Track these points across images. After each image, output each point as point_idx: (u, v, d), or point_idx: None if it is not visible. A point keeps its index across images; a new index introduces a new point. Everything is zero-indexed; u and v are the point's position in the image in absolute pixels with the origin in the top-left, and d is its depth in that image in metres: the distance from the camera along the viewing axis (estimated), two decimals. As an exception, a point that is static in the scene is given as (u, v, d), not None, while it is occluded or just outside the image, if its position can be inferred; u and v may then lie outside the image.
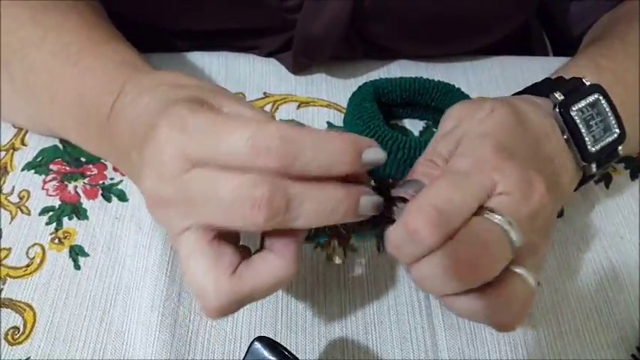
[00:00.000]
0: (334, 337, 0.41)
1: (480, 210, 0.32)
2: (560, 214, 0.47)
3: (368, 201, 0.32)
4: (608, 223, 0.47)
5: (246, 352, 0.33)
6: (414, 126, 0.52)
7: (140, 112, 0.35)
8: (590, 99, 0.38)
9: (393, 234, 0.32)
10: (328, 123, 0.52)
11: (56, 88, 0.41)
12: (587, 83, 0.39)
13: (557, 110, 0.38)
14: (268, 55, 0.56)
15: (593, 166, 0.39)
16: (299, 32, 0.50)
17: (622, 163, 0.51)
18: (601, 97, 0.38)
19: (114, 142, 0.38)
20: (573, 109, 0.38)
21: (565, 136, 0.38)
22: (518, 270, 0.33)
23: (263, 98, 0.53)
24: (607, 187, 0.50)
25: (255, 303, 0.41)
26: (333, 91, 0.54)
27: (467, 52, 0.58)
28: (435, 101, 0.50)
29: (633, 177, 0.51)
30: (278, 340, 0.34)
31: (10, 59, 0.43)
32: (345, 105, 0.51)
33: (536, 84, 0.42)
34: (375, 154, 0.31)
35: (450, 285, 0.31)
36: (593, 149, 0.38)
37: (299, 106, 0.53)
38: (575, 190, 0.41)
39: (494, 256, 0.31)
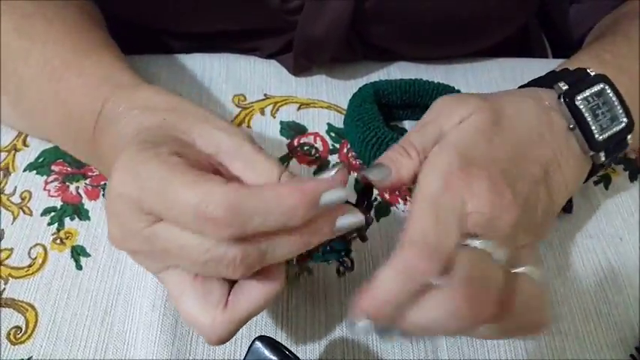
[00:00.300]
0: (334, 337, 0.41)
1: (465, 236, 0.32)
2: (569, 210, 0.47)
3: (344, 223, 0.32)
4: (608, 224, 0.48)
5: (247, 351, 0.33)
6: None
7: (115, 139, 0.35)
8: (596, 88, 0.38)
9: (385, 276, 0.31)
10: (328, 124, 0.52)
11: (45, 105, 0.42)
12: (592, 73, 0.39)
13: (562, 100, 0.37)
14: (269, 56, 0.56)
15: (602, 154, 0.38)
16: (299, 34, 0.50)
17: (621, 164, 0.51)
18: (607, 87, 0.38)
19: (101, 161, 0.38)
20: (578, 98, 0.37)
21: (571, 125, 0.37)
22: (519, 270, 0.33)
23: (264, 100, 0.53)
24: (606, 188, 0.50)
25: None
26: (333, 92, 0.55)
27: (467, 54, 0.58)
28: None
29: (632, 178, 0.51)
30: (279, 340, 0.34)
31: (2, 71, 0.43)
32: (345, 106, 0.52)
33: (540, 77, 0.41)
34: (332, 195, 0.30)
35: (462, 324, 0.31)
36: (601, 138, 0.37)
37: (299, 108, 0.53)
38: (587, 179, 0.41)
39: (490, 286, 0.31)
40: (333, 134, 0.51)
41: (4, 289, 0.41)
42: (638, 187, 0.50)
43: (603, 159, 0.38)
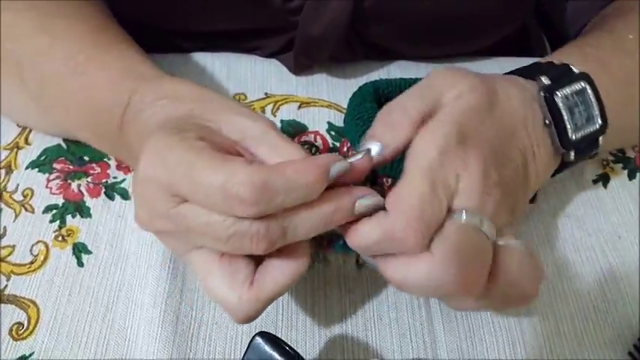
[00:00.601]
0: (334, 334, 0.41)
1: (449, 212, 0.33)
2: (532, 200, 0.47)
3: (363, 205, 0.33)
4: (606, 222, 0.48)
5: (248, 347, 0.33)
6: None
7: (142, 127, 0.36)
8: (577, 86, 0.38)
9: (368, 234, 0.33)
10: (329, 123, 0.52)
11: (68, 99, 0.42)
12: (576, 71, 0.39)
13: (542, 94, 0.38)
14: (270, 55, 0.57)
15: (572, 153, 0.39)
16: (300, 33, 0.50)
17: (620, 163, 0.52)
18: (587, 86, 0.38)
19: (128, 150, 0.39)
20: (558, 94, 0.38)
21: (547, 121, 0.38)
22: (504, 243, 0.34)
23: (264, 98, 0.54)
24: (605, 187, 0.50)
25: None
26: (333, 91, 0.55)
27: (466, 53, 0.59)
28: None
29: (631, 177, 0.51)
30: (279, 336, 0.34)
31: (23, 67, 0.43)
32: (345, 105, 0.52)
33: (525, 66, 0.42)
34: (339, 167, 0.32)
35: (440, 293, 0.33)
36: (574, 137, 0.38)
37: (300, 107, 0.53)
38: (554, 175, 0.41)
39: (478, 258, 0.33)
40: (333, 133, 0.52)
41: (7, 285, 0.42)
42: (638, 185, 0.50)
43: (572, 158, 0.39)
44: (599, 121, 0.39)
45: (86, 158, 0.48)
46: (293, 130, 0.51)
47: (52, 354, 0.39)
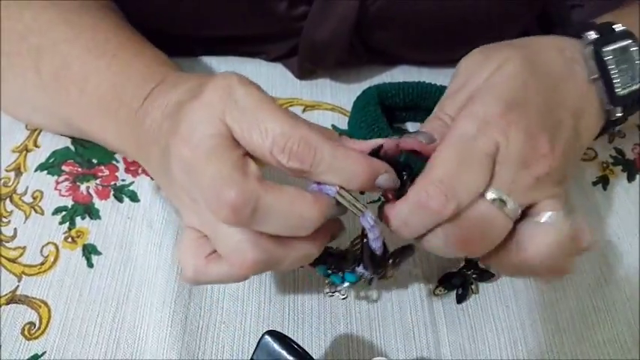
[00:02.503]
0: (339, 332, 0.42)
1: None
2: None
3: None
4: (606, 224, 0.49)
5: (257, 345, 0.34)
6: (417, 129, 0.54)
7: (169, 100, 0.37)
8: (623, 43, 0.38)
9: (401, 209, 0.33)
10: (333, 126, 0.53)
11: (87, 80, 0.42)
12: (618, 29, 0.39)
13: (592, 48, 0.37)
14: (275, 60, 0.57)
15: (619, 109, 0.38)
16: (304, 39, 0.51)
17: (619, 165, 0.53)
18: (632, 43, 0.38)
19: (137, 135, 0.39)
20: (606, 49, 0.37)
21: (595, 76, 0.37)
22: (539, 219, 0.34)
23: (269, 102, 0.54)
24: (604, 189, 0.51)
25: (263, 298, 0.43)
26: (337, 95, 0.56)
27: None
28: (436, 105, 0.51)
29: (630, 179, 0.52)
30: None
31: (41, 55, 0.43)
32: (349, 109, 0.53)
33: (565, 27, 0.41)
34: (387, 180, 0.33)
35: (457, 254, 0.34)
36: (622, 92, 0.37)
37: (304, 110, 0.54)
38: (599, 136, 0.41)
39: (490, 235, 0.33)
40: (337, 136, 0.52)
41: (18, 286, 0.42)
42: (638, 187, 0.51)
43: (619, 114, 0.38)
44: None
45: (94, 161, 0.49)
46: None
47: (64, 353, 0.40)
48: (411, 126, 0.54)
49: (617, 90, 0.37)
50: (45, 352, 0.40)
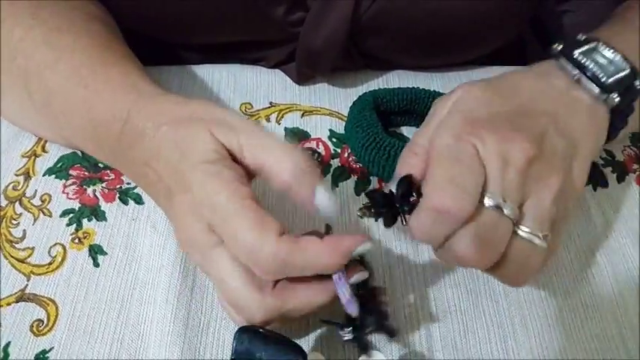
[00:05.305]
0: (332, 328, 0.43)
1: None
2: (605, 184, 0.51)
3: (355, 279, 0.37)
4: (595, 224, 0.50)
5: (233, 346, 0.36)
6: (411, 133, 0.54)
7: (146, 156, 0.39)
8: (591, 45, 0.39)
9: (419, 220, 0.35)
10: (330, 130, 0.54)
11: (71, 111, 0.44)
12: (583, 37, 0.40)
13: (562, 54, 0.39)
14: (274, 66, 0.59)
15: (614, 95, 0.38)
16: (301, 45, 0.52)
17: (609, 166, 0.54)
18: (600, 44, 0.39)
19: (128, 162, 0.42)
20: (575, 52, 0.39)
21: (575, 75, 0.39)
22: (521, 232, 0.35)
23: (269, 107, 0.56)
24: (594, 189, 0.52)
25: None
26: (334, 100, 0.57)
27: (463, 62, 0.60)
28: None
29: (620, 180, 0.53)
30: (283, 334, 0.37)
31: (30, 80, 0.45)
32: (346, 113, 0.54)
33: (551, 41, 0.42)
34: (362, 248, 0.35)
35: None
36: (608, 81, 0.38)
37: (303, 115, 0.56)
38: (614, 132, 0.41)
39: (498, 240, 0.35)
40: (334, 140, 0.54)
41: (27, 285, 0.44)
42: (638, 191, 0.52)
43: (617, 99, 0.39)
44: (627, 67, 0.39)
45: (101, 165, 0.51)
46: (296, 137, 0.54)
47: (71, 348, 0.41)
48: (405, 130, 0.55)
49: (602, 79, 0.38)
50: (52, 347, 0.41)
